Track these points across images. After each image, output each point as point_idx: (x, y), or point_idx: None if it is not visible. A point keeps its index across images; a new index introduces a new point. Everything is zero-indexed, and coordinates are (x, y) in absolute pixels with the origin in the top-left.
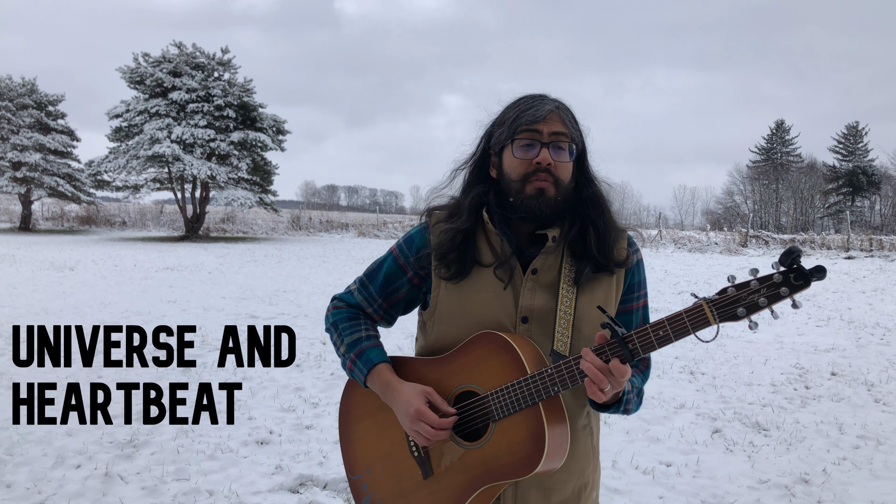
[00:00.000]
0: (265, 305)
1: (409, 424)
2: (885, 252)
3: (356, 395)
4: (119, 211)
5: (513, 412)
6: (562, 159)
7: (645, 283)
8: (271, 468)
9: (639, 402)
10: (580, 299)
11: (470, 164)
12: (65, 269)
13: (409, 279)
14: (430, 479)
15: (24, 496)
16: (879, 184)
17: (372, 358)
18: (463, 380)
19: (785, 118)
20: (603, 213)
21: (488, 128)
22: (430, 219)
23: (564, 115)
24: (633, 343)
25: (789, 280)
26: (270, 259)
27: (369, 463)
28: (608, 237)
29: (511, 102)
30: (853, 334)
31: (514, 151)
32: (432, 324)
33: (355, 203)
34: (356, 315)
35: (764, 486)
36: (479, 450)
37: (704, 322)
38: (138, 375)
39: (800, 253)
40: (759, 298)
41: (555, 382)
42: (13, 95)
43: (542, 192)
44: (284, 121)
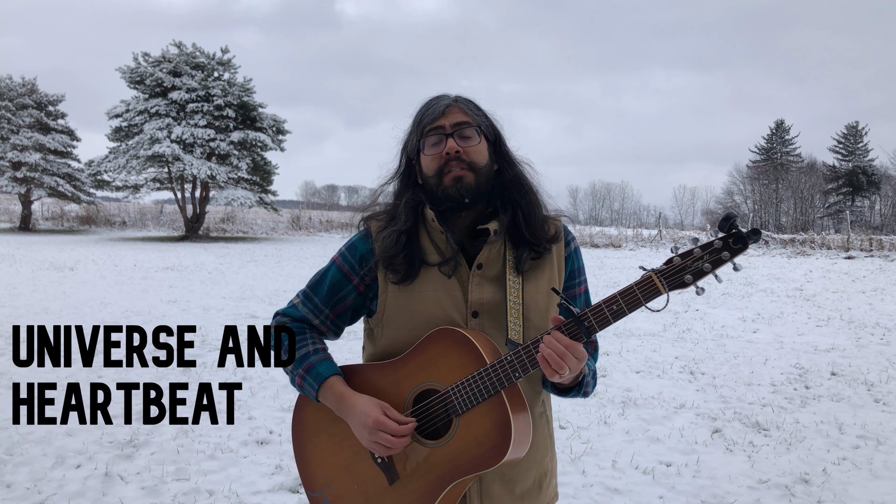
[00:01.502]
0: (265, 305)
1: (368, 436)
2: (885, 252)
3: (308, 410)
4: (119, 211)
5: (475, 404)
6: (470, 144)
7: (584, 269)
8: (271, 468)
9: (594, 385)
10: (526, 288)
11: (397, 177)
12: (65, 269)
13: (354, 286)
14: (396, 483)
15: (24, 496)
16: (879, 184)
17: (322, 372)
18: (421, 379)
19: (782, 119)
20: (526, 193)
21: (405, 139)
22: (369, 226)
23: (464, 106)
24: (588, 321)
25: (729, 244)
26: (270, 259)
27: (329, 477)
28: (534, 214)
29: (415, 110)
30: (853, 334)
31: (424, 151)
32: (381, 329)
33: (355, 203)
34: (301, 329)
35: (764, 486)
36: (444, 447)
37: (655, 292)
38: (138, 375)
39: (736, 217)
40: (703, 264)
41: (515, 369)
42: (13, 95)
43: (458, 180)
44: (284, 121)
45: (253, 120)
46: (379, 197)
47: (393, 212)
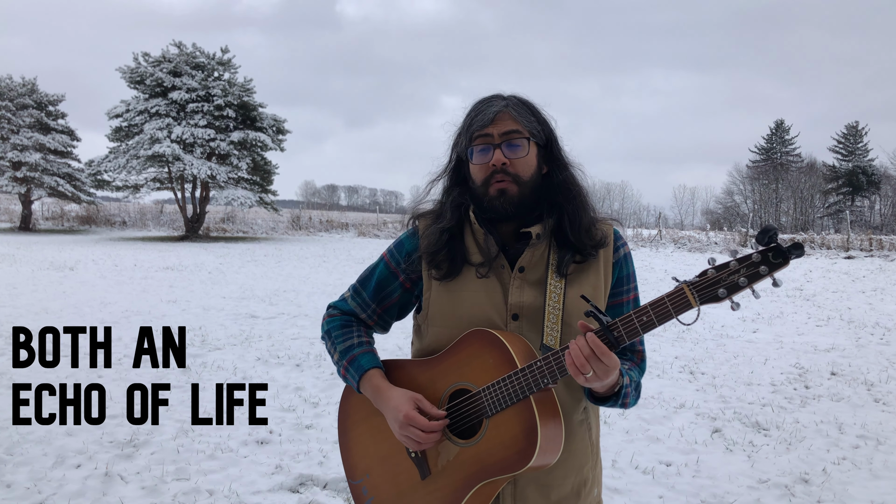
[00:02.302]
0: (265, 305)
1: (399, 430)
2: (884, 252)
3: (352, 399)
4: (119, 211)
5: (504, 407)
6: (517, 156)
7: (634, 276)
8: (271, 468)
9: (636, 397)
10: (568, 293)
11: (447, 174)
12: (65, 268)
13: (400, 283)
14: (428, 479)
15: (24, 496)
16: (879, 183)
17: (363, 364)
18: (455, 378)
19: (782, 119)
20: (573, 197)
21: (455, 137)
22: (417, 223)
23: (516, 111)
24: (617, 330)
25: (768, 258)
26: (270, 259)
27: (368, 466)
28: (580, 220)
29: (468, 109)
30: (853, 334)
31: (472, 159)
32: (426, 326)
33: (355, 203)
34: (349, 322)
35: (764, 486)
36: (473, 447)
37: (686, 305)
38: (138, 375)
39: (776, 231)
40: (738, 278)
41: (544, 375)
42: (13, 95)
43: (503, 193)
44: (284, 120)
45: (253, 120)
46: (430, 191)
47: (440, 210)
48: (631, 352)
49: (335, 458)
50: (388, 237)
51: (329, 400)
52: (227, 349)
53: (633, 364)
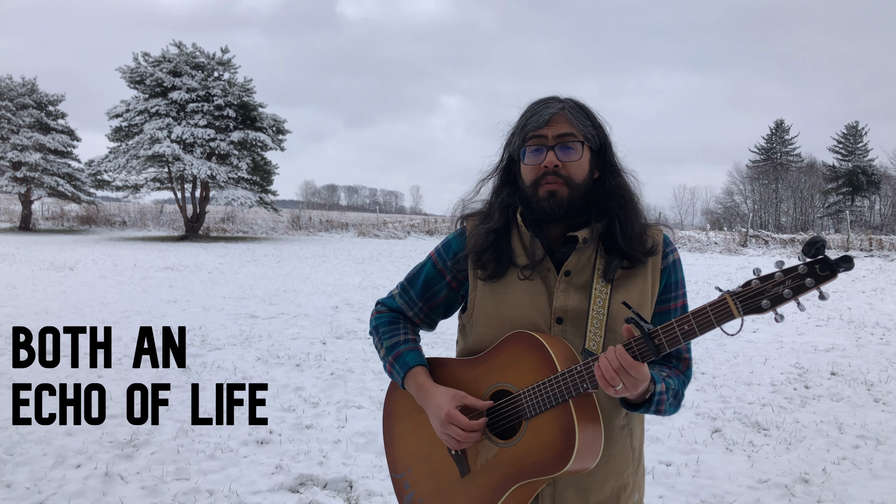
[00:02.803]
0: (265, 305)
1: (441, 428)
2: (884, 252)
3: (397, 395)
4: (119, 211)
5: (544, 410)
6: (570, 159)
7: (683, 282)
8: (271, 468)
9: (676, 405)
10: (614, 298)
11: (497, 173)
12: (65, 268)
13: (447, 283)
14: (467, 477)
15: (24, 496)
16: (879, 184)
17: (408, 361)
18: (496, 379)
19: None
20: (625, 204)
21: (508, 136)
22: (466, 224)
23: (572, 114)
24: (658, 338)
25: (815, 271)
26: (270, 259)
27: (410, 462)
28: (631, 227)
29: (523, 110)
30: (853, 334)
31: (524, 160)
32: (471, 326)
33: (355, 203)
34: (396, 319)
35: (764, 486)
36: (512, 447)
37: (728, 315)
38: (138, 375)
39: (824, 242)
40: (783, 290)
41: (584, 379)
42: (13, 95)
43: (552, 195)
44: (284, 120)
45: (253, 120)
46: (479, 190)
47: (488, 210)
48: (676, 359)
49: (335, 458)
50: (388, 237)
51: (329, 400)
52: (227, 349)
53: (678, 372)
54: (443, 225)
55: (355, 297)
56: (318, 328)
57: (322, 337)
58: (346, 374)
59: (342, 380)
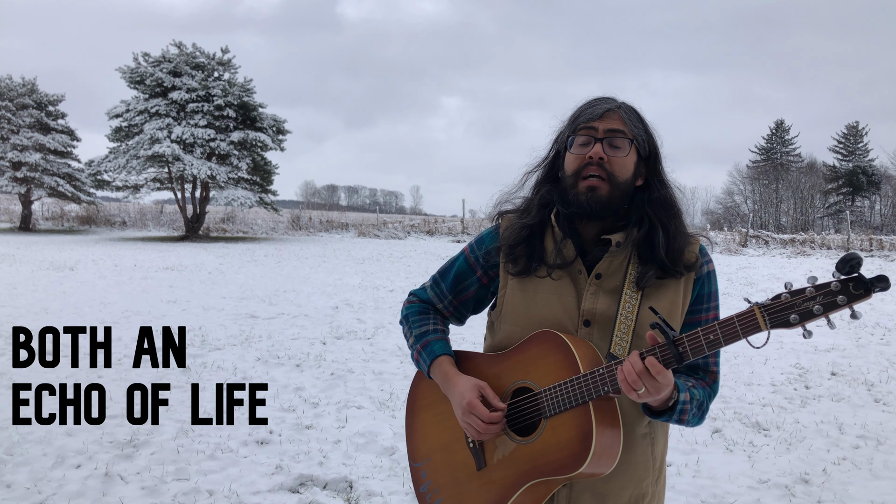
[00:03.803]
0: (265, 305)
1: (462, 416)
2: (885, 252)
3: (422, 385)
4: (119, 211)
5: (563, 410)
6: (617, 155)
7: (716, 294)
8: (271, 468)
9: (700, 417)
10: (643, 305)
11: (543, 166)
12: (65, 269)
13: (478, 278)
14: (484, 470)
15: (24, 496)
16: (879, 184)
17: (435, 350)
18: (519, 376)
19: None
20: (674, 216)
21: (558, 132)
22: (501, 220)
23: (626, 114)
24: (683, 346)
25: (848, 289)
26: (270, 259)
27: (429, 451)
28: (678, 240)
29: (578, 104)
30: (853, 334)
31: (571, 149)
32: (499, 323)
33: (355, 203)
34: (426, 310)
35: (764, 486)
36: (529, 445)
37: (755, 327)
38: (138, 375)
39: (860, 260)
40: (813, 306)
41: (605, 382)
42: (13, 95)
43: (592, 189)
44: (284, 120)
45: (253, 120)
46: (524, 183)
47: (526, 206)
48: (704, 371)
49: (335, 459)
50: (388, 237)
51: (329, 400)
52: (227, 349)
53: (704, 384)
54: (443, 225)
55: (355, 298)
56: (318, 328)
57: (322, 337)
58: (346, 374)
59: (342, 380)
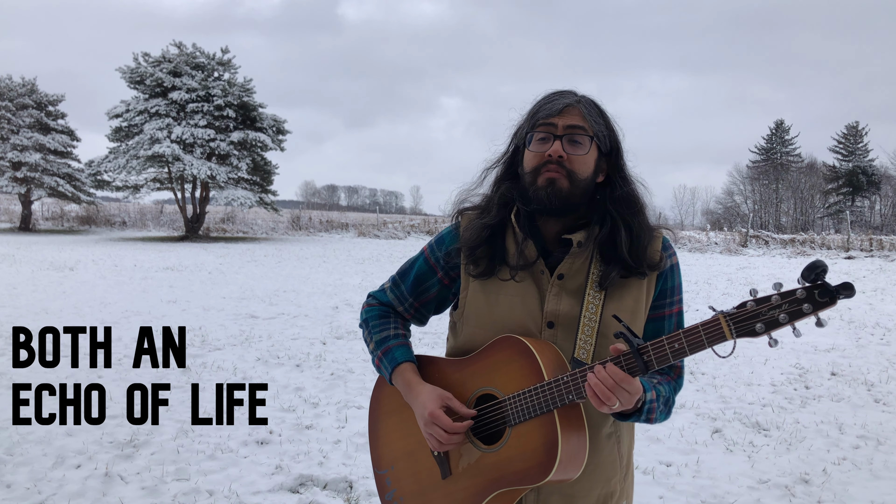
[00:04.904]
0: (265, 305)
1: (424, 427)
2: (885, 252)
3: (385, 391)
4: (119, 211)
5: (528, 418)
6: (577, 152)
7: (680, 288)
8: (271, 468)
9: (667, 412)
10: (607, 305)
11: (502, 162)
12: (65, 269)
13: (439, 279)
14: (449, 479)
15: (24, 496)
16: (879, 184)
17: (397, 357)
18: (483, 382)
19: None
20: (637, 213)
21: (517, 125)
22: (461, 219)
23: (586, 109)
24: (648, 355)
25: (813, 296)
26: (270, 259)
27: (394, 459)
28: (641, 237)
29: (537, 98)
30: (853, 334)
31: (530, 146)
32: (462, 325)
33: (355, 203)
34: (386, 313)
35: (764, 486)
36: (494, 454)
37: (720, 336)
38: (138, 375)
39: (825, 268)
40: (779, 314)
41: (570, 391)
42: (13, 95)
43: (551, 183)
44: (284, 121)
45: (253, 120)
46: (483, 180)
47: (486, 204)
48: (669, 366)
49: (335, 459)
50: (389, 237)
51: (329, 400)
52: (227, 349)
53: (669, 378)
54: (442, 225)
55: (355, 298)
56: (318, 328)
57: (322, 337)
58: (346, 374)
59: (342, 380)
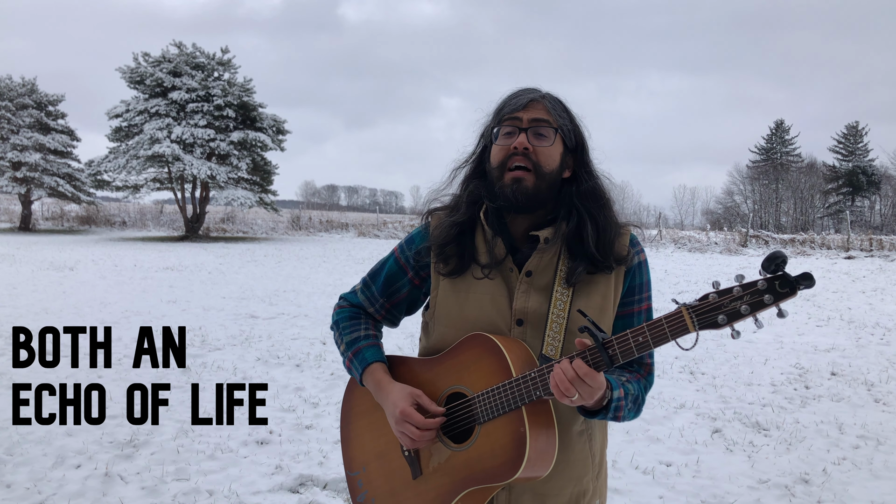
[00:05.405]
0: (265, 305)
1: (395, 426)
2: (885, 252)
3: (356, 392)
4: (119, 211)
5: (497, 415)
6: (542, 144)
7: (648, 285)
8: (271, 468)
9: (635, 411)
10: (575, 302)
11: (471, 162)
12: (65, 269)
13: (409, 280)
14: (419, 479)
15: (24, 496)
16: (879, 184)
17: (367, 357)
18: (453, 381)
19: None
20: (603, 206)
21: (484, 125)
22: (431, 219)
23: (550, 104)
24: (612, 349)
25: (774, 287)
26: (270, 259)
27: (365, 460)
28: (608, 231)
29: (503, 96)
30: (853, 334)
31: (496, 140)
32: (433, 325)
33: (355, 203)
34: (357, 315)
35: (764, 486)
36: (464, 452)
37: (683, 329)
38: (138, 375)
39: (784, 258)
40: (741, 306)
41: (537, 387)
42: (13, 95)
43: (518, 181)
44: (284, 120)
45: (253, 120)
46: (453, 179)
47: (455, 203)
48: (638, 363)
49: (335, 459)
50: (389, 237)
51: (329, 400)
52: (227, 349)
53: (639, 376)
54: None
55: None
56: (318, 328)
57: (322, 337)
58: (346, 374)
59: (342, 380)
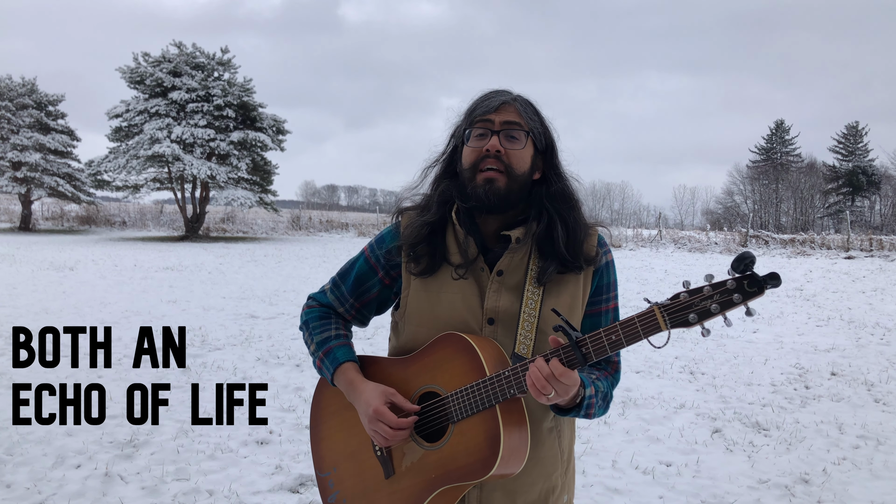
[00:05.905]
0: (265, 305)
1: (369, 424)
2: (885, 252)
3: (326, 392)
4: (119, 211)
5: (470, 414)
6: (514, 147)
7: (615, 284)
8: (271, 468)
9: (605, 407)
10: (546, 301)
11: (441, 161)
12: (65, 269)
13: (380, 279)
14: (392, 478)
15: (24, 496)
16: (879, 184)
17: (338, 357)
18: (426, 380)
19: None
20: (572, 208)
21: (455, 126)
22: (401, 219)
23: (522, 107)
24: (586, 347)
25: (742, 287)
26: (270, 259)
27: (336, 461)
28: (577, 233)
29: (474, 97)
30: (853, 334)
31: (468, 142)
32: (404, 324)
33: (355, 203)
34: (327, 314)
35: (764, 486)
36: (437, 451)
37: (655, 327)
38: (138, 375)
39: (753, 259)
40: (710, 305)
41: (511, 385)
42: (13, 95)
43: (490, 182)
44: (284, 120)
45: (253, 120)
46: (424, 178)
47: (426, 202)
48: (606, 361)
49: None
50: None
51: None
52: (227, 349)
53: (607, 374)
54: None
55: None
56: None
57: None
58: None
59: None
